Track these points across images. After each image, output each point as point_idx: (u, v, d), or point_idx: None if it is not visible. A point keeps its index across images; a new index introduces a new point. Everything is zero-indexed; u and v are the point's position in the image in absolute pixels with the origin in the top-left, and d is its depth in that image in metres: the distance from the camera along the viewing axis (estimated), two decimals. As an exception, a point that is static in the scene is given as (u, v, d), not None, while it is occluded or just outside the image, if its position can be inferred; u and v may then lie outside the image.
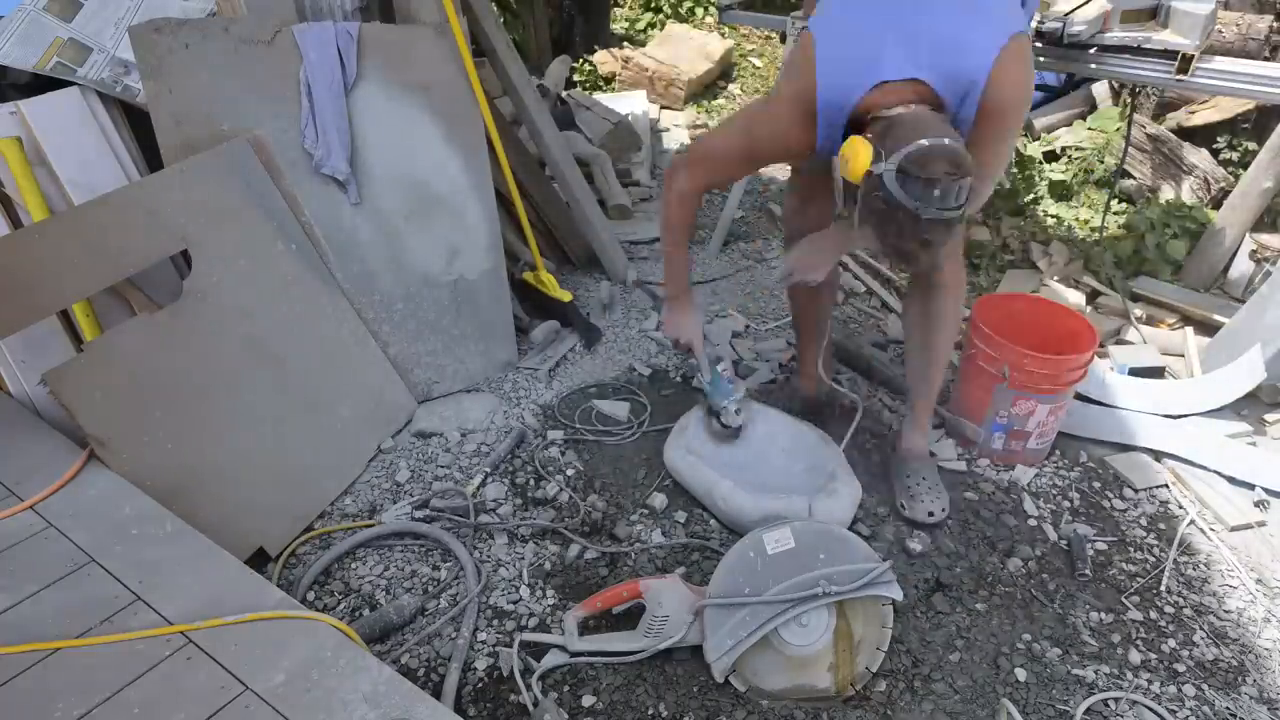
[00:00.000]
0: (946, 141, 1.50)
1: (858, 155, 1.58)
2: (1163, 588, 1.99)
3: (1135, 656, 1.82)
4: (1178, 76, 2.48)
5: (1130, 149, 3.58)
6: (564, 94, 4.22)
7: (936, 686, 1.73)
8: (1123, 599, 1.96)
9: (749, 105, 1.95)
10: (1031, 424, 2.24)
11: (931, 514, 2.10)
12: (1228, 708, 1.72)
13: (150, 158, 2.12)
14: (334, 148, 2.15)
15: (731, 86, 5.49)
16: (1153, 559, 2.08)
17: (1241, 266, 3.07)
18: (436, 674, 1.73)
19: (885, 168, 1.52)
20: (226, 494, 1.90)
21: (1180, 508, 2.23)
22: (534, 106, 2.93)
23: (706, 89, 5.41)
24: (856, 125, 1.66)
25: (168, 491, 1.73)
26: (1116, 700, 1.72)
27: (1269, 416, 2.50)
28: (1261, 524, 2.17)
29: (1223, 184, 3.52)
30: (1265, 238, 3.08)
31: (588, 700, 1.67)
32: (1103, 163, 3.93)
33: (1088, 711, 1.70)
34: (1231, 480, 2.28)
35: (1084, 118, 4.35)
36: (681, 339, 2.23)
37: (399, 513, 2.08)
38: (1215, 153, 3.71)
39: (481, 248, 2.49)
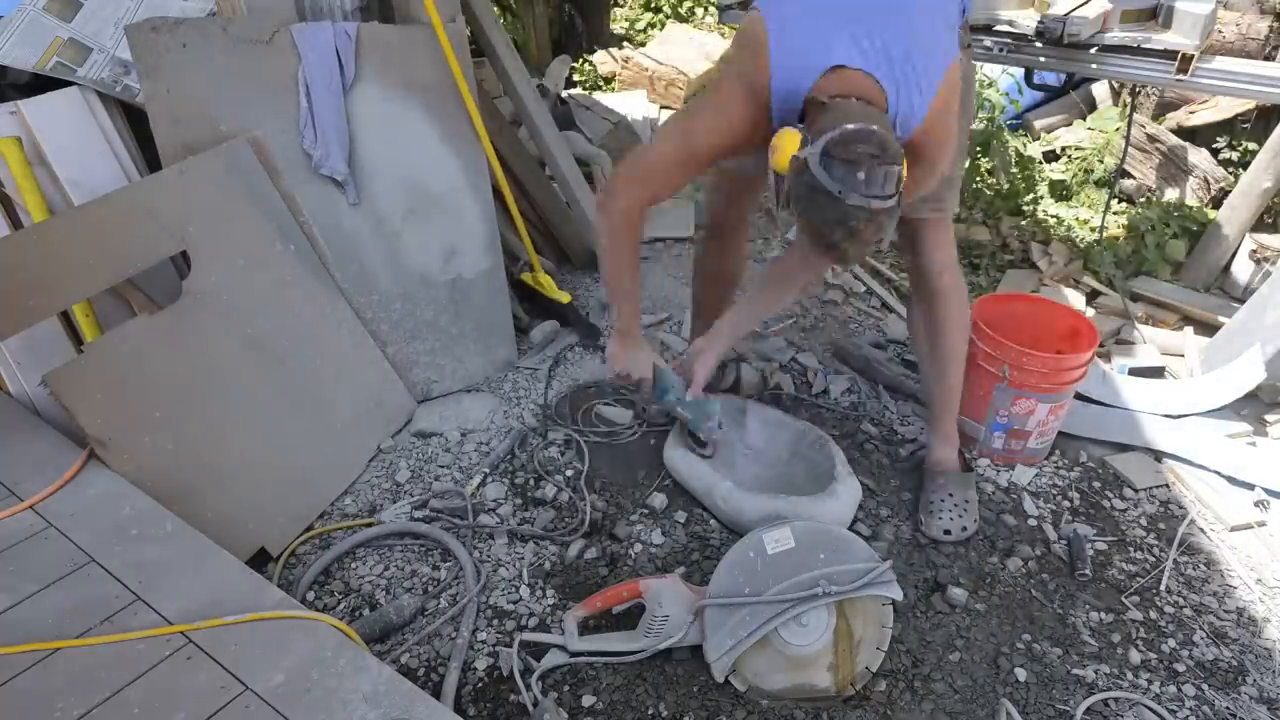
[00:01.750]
0: (874, 127, 1.44)
1: (784, 145, 1.52)
2: (1163, 587, 1.99)
3: (1135, 656, 1.82)
4: (1178, 76, 2.48)
5: (1130, 149, 3.58)
6: (564, 94, 4.22)
7: (936, 686, 1.73)
8: (1123, 599, 1.96)
9: (688, 105, 1.82)
10: (1031, 423, 2.24)
11: (948, 532, 2.03)
12: (1228, 708, 1.72)
13: (150, 157, 2.12)
14: (333, 148, 2.15)
15: (731, 86, 5.49)
16: (1153, 559, 2.08)
17: (1241, 266, 3.07)
18: (436, 674, 1.72)
19: (810, 151, 1.46)
20: (226, 494, 1.90)
21: (1180, 508, 2.23)
22: (534, 106, 2.94)
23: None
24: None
25: (168, 491, 1.73)
26: (1116, 700, 1.72)
27: (1269, 416, 2.50)
28: (1261, 524, 2.17)
29: (1223, 184, 3.52)
30: (1265, 238, 3.07)
31: (588, 700, 1.67)
32: (1103, 163, 3.93)
33: (1088, 711, 1.70)
34: (1231, 480, 2.28)
35: (1084, 117, 4.35)
36: (634, 375, 2.05)
37: (398, 512, 2.08)
38: (1215, 153, 3.71)
39: (479, 247, 2.49)
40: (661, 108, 5.08)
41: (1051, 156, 4.18)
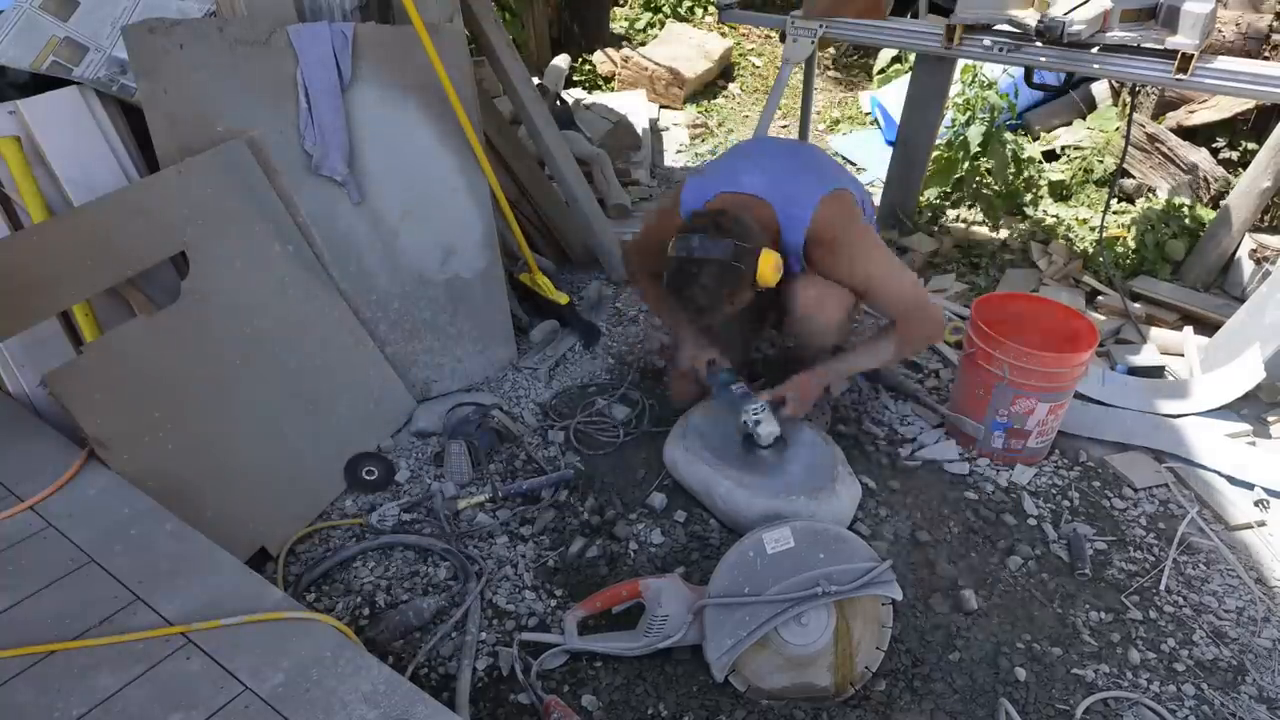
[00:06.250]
0: (695, 240, 1.88)
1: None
2: (1162, 587, 1.99)
3: (1135, 656, 1.82)
4: (1177, 76, 2.48)
5: (1130, 148, 3.58)
6: (563, 94, 4.22)
7: (936, 686, 1.73)
8: (1122, 598, 1.96)
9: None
10: (1031, 423, 2.24)
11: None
12: (1227, 707, 1.72)
13: (149, 156, 2.12)
14: (332, 149, 2.14)
15: (731, 86, 5.49)
16: (1152, 559, 2.08)
17: (1241, 266, 3.07)
18: (437, 673, 1.72)
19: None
20: (226, 494, 1.90)
21: (1180, 507, 2.22)
22: (534, 106, 2.93)
23: (706, 88, 5.41)
24: None
25: (168, 491, 1.73)
26: (1116, 700, 1.72)
27: (1269, 416, 2.50)
28: (1261, 524, 2.17)
29: (1222, 184, 3.52)
30: (1265, 238, 3.07)
31: (588, 700, 1.67)
32: (1102, 162, 3.92)
33: (1087, 711, 1.70)
34: (1231, 480, 2.28)
35: (1084, 117, 4.35)
36: (701, 357, 2.27)
37: (387, 513, 2.08)
38: (1215, 152, 3.70)
39: (477, 247, 2.49)
40: (661, 107, 5.08)
41: (1051, 156, 4.18)
